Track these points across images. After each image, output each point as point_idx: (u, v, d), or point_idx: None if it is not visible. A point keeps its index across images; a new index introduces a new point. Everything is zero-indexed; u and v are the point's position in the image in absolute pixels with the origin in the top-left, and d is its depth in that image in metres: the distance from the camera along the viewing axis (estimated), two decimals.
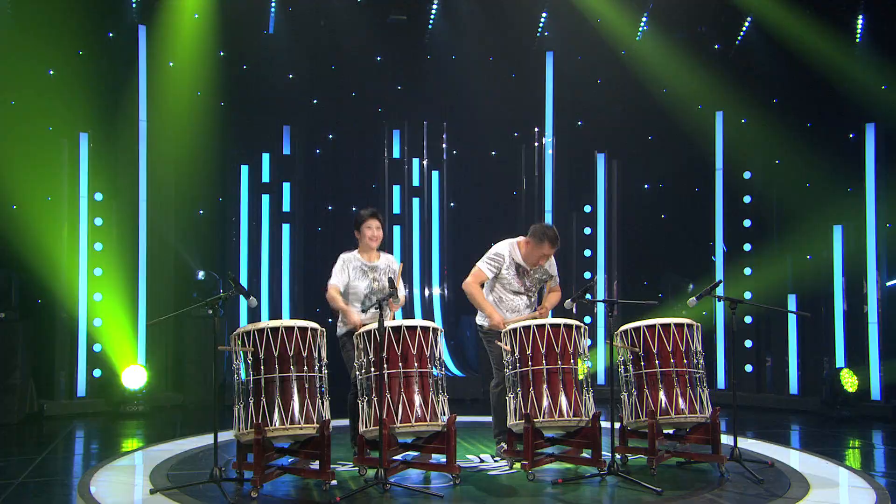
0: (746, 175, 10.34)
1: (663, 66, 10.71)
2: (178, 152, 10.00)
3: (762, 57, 10.44)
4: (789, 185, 9.99)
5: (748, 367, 10.11)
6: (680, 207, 11.32)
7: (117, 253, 9.46)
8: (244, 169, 10.71)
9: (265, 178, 10.78)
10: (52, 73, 9.37)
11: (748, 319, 10.13)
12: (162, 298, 9.74)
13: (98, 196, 9.45)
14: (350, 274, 6.16)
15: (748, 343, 10.11)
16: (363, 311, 6.09)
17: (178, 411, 9.50)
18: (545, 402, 5.72)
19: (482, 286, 6.36)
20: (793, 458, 6.73)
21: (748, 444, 7.15)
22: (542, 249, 6.19)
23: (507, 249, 6.33)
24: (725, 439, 6.38)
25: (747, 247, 10.24)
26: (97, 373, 9.35)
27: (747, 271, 10.14)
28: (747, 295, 9.92)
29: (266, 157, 10.79)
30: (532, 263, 6.27)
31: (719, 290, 7.04)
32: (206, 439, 7.04)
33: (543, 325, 5.83)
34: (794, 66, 9.88)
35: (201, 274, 10.12)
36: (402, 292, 6.43)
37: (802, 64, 9.70)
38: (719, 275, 10.28)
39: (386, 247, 9.09)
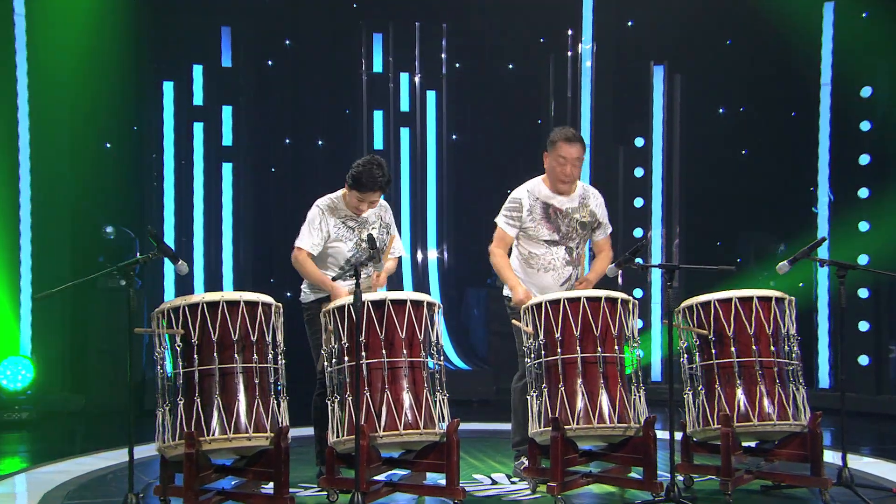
0: (865, 92, 10.28)
1: None
2: (73, 65, 9.93)
3: None
4: None
5: (863, 359, 10.14)
6: (768, 139, 11.31)
7: None
8: (168, 87, 10.71)
9: (197, 99, 10.78)
10: None
11: (863, 293, 10.14)
12: (54, 264, 9.78)
13: None
14: (331, 232, 6.16)
15: (863, 325, 10.14)
16: (333, 280, 6.09)
17: (79, 419, 9.56)
18: (580, 404, 5.74)
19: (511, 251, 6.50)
20: None
21: (862, 463, 7.19)
22: (560, 151, 6.24)
23: (526, 189, 6.41)
24: (830, 456, 6.42)
25: (864, 192, 10.21)
26: None
27: (863, 226, 10.13)
28: (862, 259, 9.93)
29: (198, 70, 10.79)
30: (561, 180, 6.28)
31: (822, 252, 7.04)
32: (119, 456, 7.10)
33: (577, 299, 5.83)
34: None
35: (110, 230, 10.12)
36: (398, 251, 6.45)
37: None
38: (823, 231, 10.29)
39: None
